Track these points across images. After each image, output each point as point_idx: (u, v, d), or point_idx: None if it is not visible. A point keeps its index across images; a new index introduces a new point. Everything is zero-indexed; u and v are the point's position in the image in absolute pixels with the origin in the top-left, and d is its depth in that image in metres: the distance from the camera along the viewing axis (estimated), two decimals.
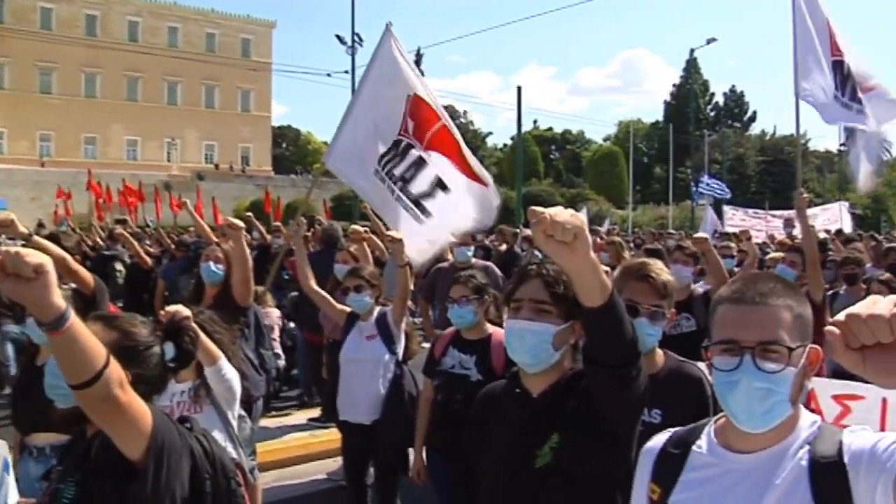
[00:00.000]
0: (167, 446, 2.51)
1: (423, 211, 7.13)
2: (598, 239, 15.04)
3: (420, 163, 7.15)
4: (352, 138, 7.10)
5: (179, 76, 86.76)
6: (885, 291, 7.49)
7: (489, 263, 9.38)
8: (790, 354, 2.04)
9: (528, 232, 24.30)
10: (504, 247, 14.88)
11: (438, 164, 7.18)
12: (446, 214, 7.11)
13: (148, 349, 2.74)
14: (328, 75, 71.12)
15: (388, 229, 10.25)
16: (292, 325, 11.78)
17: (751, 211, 23.43)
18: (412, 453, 5.89)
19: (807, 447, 2.06)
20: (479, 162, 7.51)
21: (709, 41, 57.67)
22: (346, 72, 41.40)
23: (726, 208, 24.08)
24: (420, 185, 7.16)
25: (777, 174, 74.69)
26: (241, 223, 6.31)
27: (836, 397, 5.39)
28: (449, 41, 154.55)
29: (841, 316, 1.47)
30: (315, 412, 10.09)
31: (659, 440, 2.35)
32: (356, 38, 40.78)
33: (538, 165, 79.48)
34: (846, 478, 1.94)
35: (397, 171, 7.17)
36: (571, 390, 2.92)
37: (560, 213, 2.18)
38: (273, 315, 11.67)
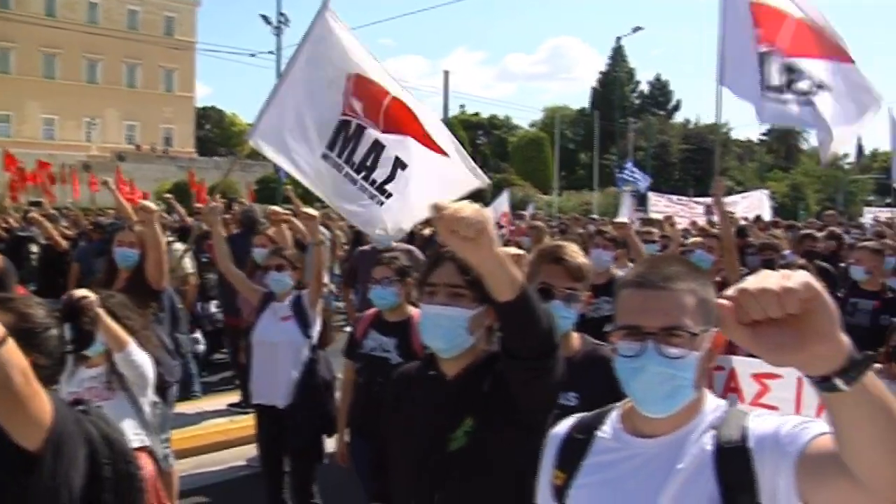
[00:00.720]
0: (65, 435, 2.41)
1: (387, 194, 6.93)
2: (522, 224, 15.12)
3: (377, 146, 6.93)
4: (279, 116, 6.83)
5: (100, 53, 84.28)
6: None
7: (412, 247, 9.29)
8: (693, 340, 2.02)
9: None
10: (427, 231, 14.82)
11: (395, 145, 6.96)
12: (409, 192, 6.91)
13: (45, 331, 2.64)
14: (252, 55, 70.24)
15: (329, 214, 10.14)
16: (214, 308, 11.61)
17: (674, 198, 23.74)
18: (326, 439, 5.81)
19: (712, 431, 2.05)
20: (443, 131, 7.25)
21: (634, 29, 58.58)
22: (271, 52, 40.87)
23: (650, 195, 24.39)
24: (383, 170, 6.95)
25: (700, 162, 75.96)
26: (153, 206, 6.16)
27: (755, 376, 5.44)
28: (378, 23, 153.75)
29: (732, 290, 1.45)
30: (235, 397, 9.93)
31: (564, 426, 2.33)
32: (281, 18, 40.24)
33: (465, 150, 79.57)
34: (750, 462, 1.93)
35: (357, 158, 6.91)
36: (486, 373, 2.89)
37: (464, 209, 2.15)
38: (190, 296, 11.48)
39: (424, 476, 2.90)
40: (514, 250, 4.25)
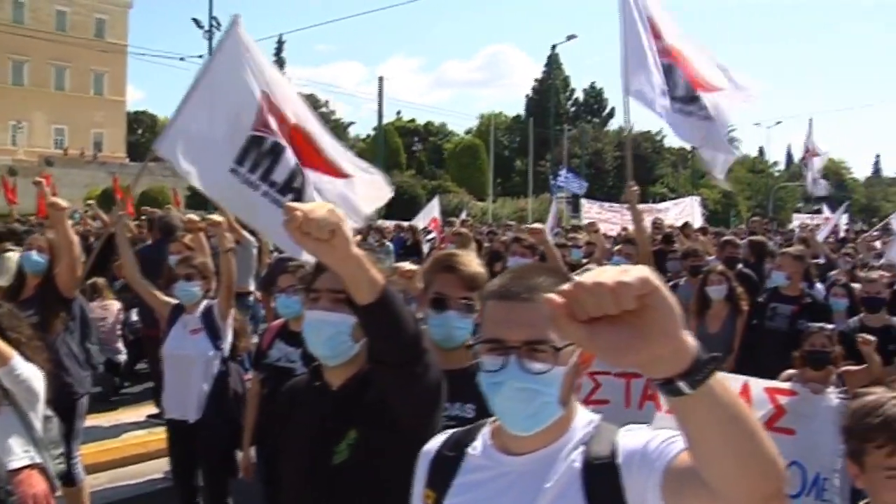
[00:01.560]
0: None
1: None
2: (452, 230, 15.13)
3: (299, 170, 6.77)
4: (187, 126, 6.61)
5: (26, 55, 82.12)
6: (722, 282, 7.69)
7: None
8: (558, 354, 1.93)
9: (385, 223, 24.19)
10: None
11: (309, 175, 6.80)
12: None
13: None
14: (182, 59, 69.05)
15: (244, 226, 9.97)
16: (135, 317, 11.37)
17: (606, 204, 23.93)
18: (240, 453, 5.69)
19: (581, 447, 1.98)
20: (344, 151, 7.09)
21: (569, 38, 58.74)
22: (201, 56, 40.33)
23: (583, 201, 24.65)
24: (308, 195, 6.77)
25: (633, 169, 76.53)
26: (63, 202, 5.94)
27: (590, 374, 5.44)
28: (315, 27, 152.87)
29: (568, 285, 1.34)
30: (154, 408, 9.71)
31: (435, 443, 2.25)
32: (213, 23, 39.77)
33: (400, 157, 79.35)
34: (619, 478, 1.87)
35: (279, 179, 6.65)
36: (370, 384, 2.82)
37: (316, 210, 2.07)
38: (113, 308, 11.24)
39: (310, 490, 2.83)
40: (406, 265, 4.18)
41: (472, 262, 3.51)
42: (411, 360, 2.51)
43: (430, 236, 17.82)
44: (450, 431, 2.27)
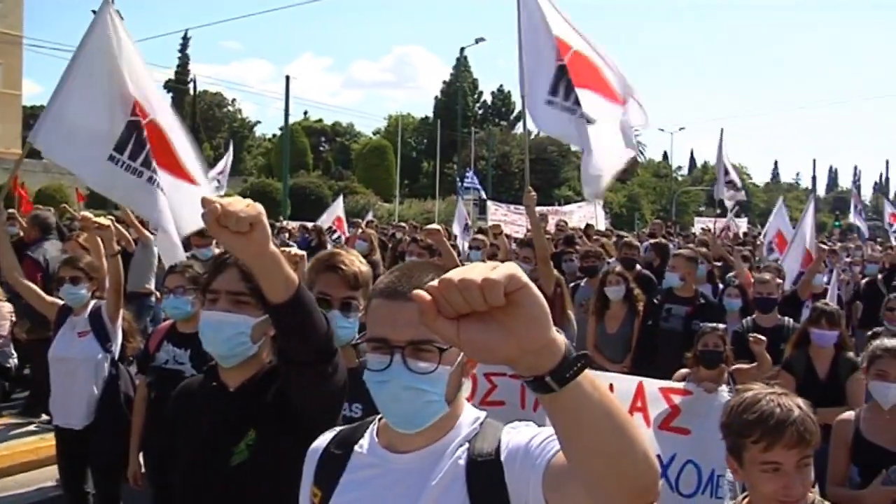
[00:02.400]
0: None
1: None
2: (359, 230, 15.10)
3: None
4: (60, 117, 6.35)
5: None
6: (620, 282, 7.79)
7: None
8: (444, 353, 1.93)
9: (290, 224, 23.93)
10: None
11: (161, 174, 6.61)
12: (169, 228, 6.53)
13: None
14: None
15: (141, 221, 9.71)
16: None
17: (512, 207, 24.06)
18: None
19: (466, 445, 2.00)
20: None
21: (477, 40, 59.02)
22: None
23: (489, 203, 24.76)
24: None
25: (540, 172, 77.57)
26: None
27: (487, 375, 5.49)
28: (222, 22, 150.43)
29: (435, 281, 1.35)
30: (46, 414, 9.40)
31: (323, 440, 2.24)
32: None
33: (307, 157, 78.76)
34: (502, 475, 1.89)
35: (157, 165, 6.54)
36: (270, 384, 2.83)
37: (235, 203, 2.05)
38: (3, 310, 10.83)
39: (207, 493, 2.79)
40: (293, 250, 4.14)
41: (354, 261, 3.50)
42: (322, 360, 2.51)
43: (335, 236, 17.69)
44: (337, 429, 2.26)
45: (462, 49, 72.43)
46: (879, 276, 12.85)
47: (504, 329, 1.33)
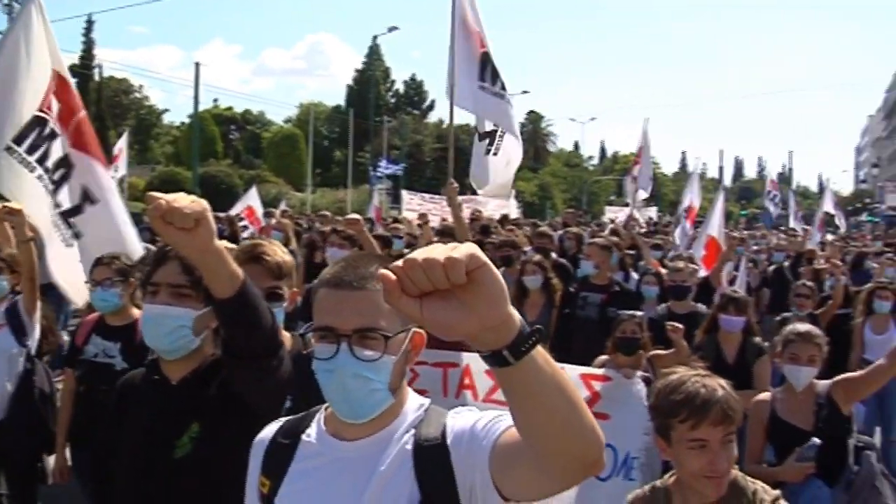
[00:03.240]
0: None
1: (75, 233, 6.34)
2: (273, 220, 14.94)
3: (66, 163, 6.38)
4: None
5: None
6: (538, 272, 7.87)
7: (151, 246, 8.82)
8: (389, 341, 1.98)
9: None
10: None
11: (82, 169, 6.42)
12: (96, 231, 6.34)
13: None
14: None
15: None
16: None
17: (427, 196, 24.04)
18: (48, 457, 5.39)
19: (412, 431, 2.05)
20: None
21: (391, 29, 59.06)
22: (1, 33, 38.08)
23: (404, 193, 24.62)
24: (72, 195, 6.36)
25: (453, 161, 77.83)
26: None
27: (489, 372, 5.54)
28: (129, 7, 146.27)
29: (400, 261, 1.43)
30: None
31: (269, 430, 2.26)
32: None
33: (217, 146, 77.37)
34: (448, 458, 1.95)
35: (50, 164, 6.32)
36: (213, 377, 2.84)
37: (179, 199, 2.07)
38: None
39: (150, 486, 2.79)
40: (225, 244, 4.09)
41: (276, 251, 3.52)
42: (267, 354, 2.54)
43: (243, 224, 17.44)
44: (283, 419, 2.28)
45: (375, 37, 72.49)
46: (786, 264, 13.26)
47: (465, 306, 1.41)
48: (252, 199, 19.87)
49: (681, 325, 6.33)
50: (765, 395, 5.06)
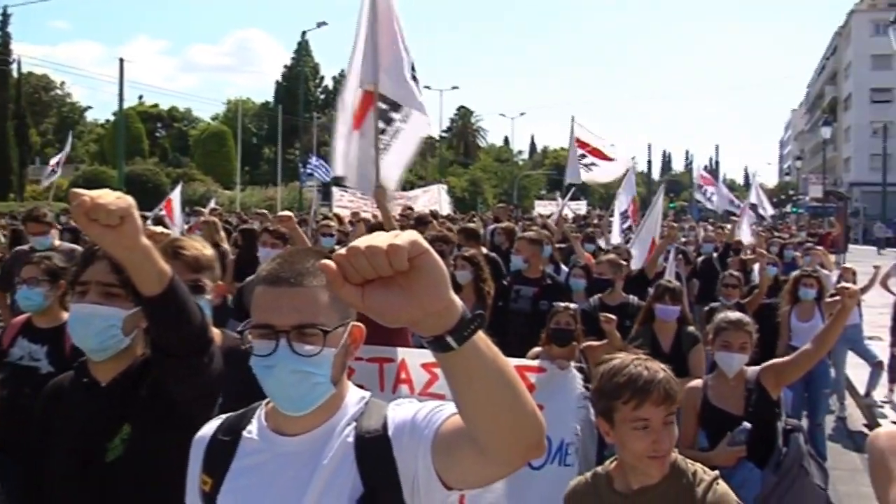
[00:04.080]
0: None
1: None
2: (201, 219, 14.73)
3: None
4: None
5: None
6: (467, 267, 7.89)
7: (76, 246, 8.64)
8: (328, 336, 1.99)
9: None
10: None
11: None
12: None
13: None
14: None
15: None
16: None
17: (358, 192, 23.96)
18: None
19: (354, 423, 2.06)
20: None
21: (319, 24, 58.35)
22: None
23: (334, 190, 24.45)
24: None
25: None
26: None
27: (424, 366, 5.63)
28: (46, 0, 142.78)
29: (342, 249, 1.44)
30: None
31: (210, 428, 2.24)
32: None
33: (142, 143, 76.33)
34: (390, 449, 1.97)
35: None
36: (143, 377, 2.79)
37: (104, 195, 2.04)
38: None
39: (82, 491, 2.73)
40: (158, 228, 4.05)
41: (193, 245, 3.49)
42: (197, 351, 2.51)
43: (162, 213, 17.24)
44: (223, 416, 2.26)
45: (304, 33, 71.79)
46: (714, 255, 13.51)
47: (407, 293, 1.44)
48: (174, 195, 19.71)
49: (613, 317, 6.41)
50: (697, 382, 5.18)
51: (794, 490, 4.66)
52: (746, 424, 4.69)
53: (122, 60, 41.11)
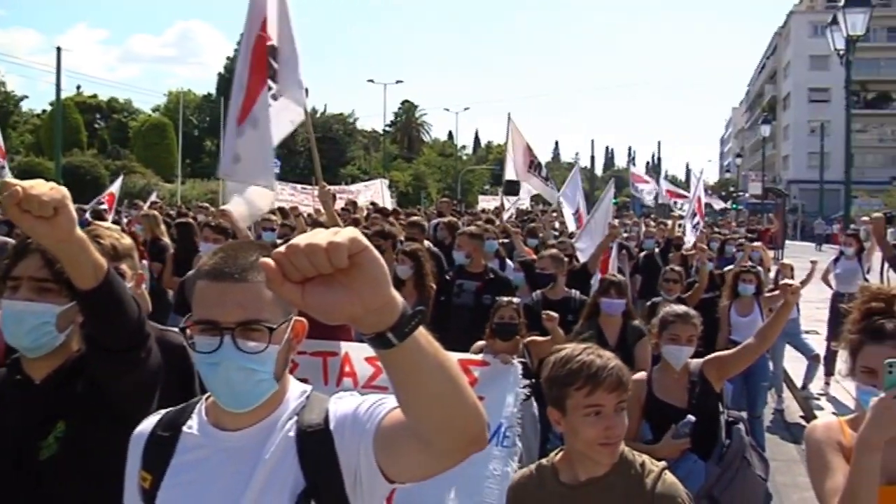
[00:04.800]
0: None
1: None
2: (141, 212, 14.57)
3: None
4: None
5: None
6: (408, 262, 7.88)
7: (8, 239, 8.43)
8: (273, 332, 1.99)
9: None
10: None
11: None
12: None
13: None
14: None
15: None
16: None
17: (299, 186, 23.79)
18: None
19: (295, 418, 2.06)
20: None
21: None
22: None
23: (276, 183, 24.35)
24: None
25: (325, 151, 77.31)
26: None
27: (368, 359, 5.65)
28: None
29: (282, 247, 1.43)
30: None
31: (149, 424, 2.21)
32: None
33: (81, 135, 74.78)
34: (332, 443, 1.97)
35: None
36: (79, 373, 2.72)
37: (37, 186, 1.98)
38: None
39: (17, 489, 2.65)
40: (106, 224, 3.96)
41: (110, 234, 3.40)
42: (135, 346, 2.46)
43: (103, 206, 17.02)
44: (162, 412, 2.23)
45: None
46: (656, 251, 13.64)
47: (347, 290, 1.43)
48: (114, 188, 19.48)
49: (555, 314, 6.41)
50: (641, 375, 5.22)
51: (736, 481, 4.73)
52: (690, 417, 4.77)
53: (59, 49, 40.31)
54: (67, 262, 2.24)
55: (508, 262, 10.33)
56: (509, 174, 15.84)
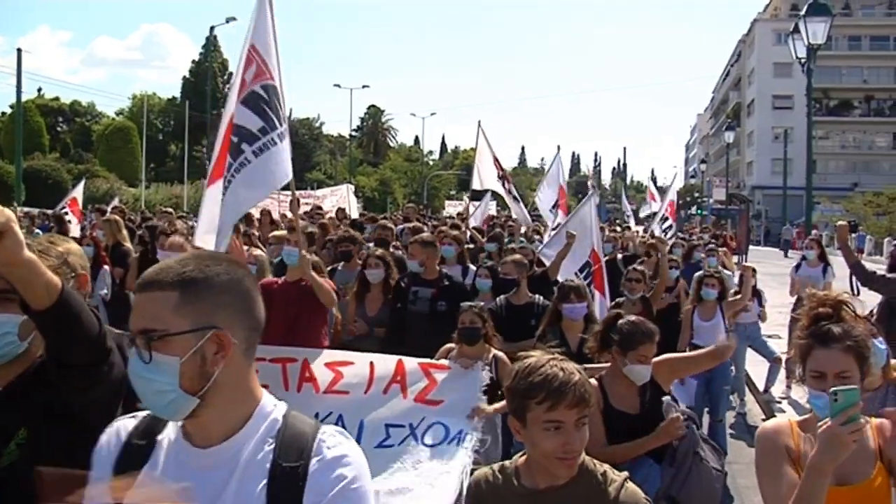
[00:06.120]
0: None
1: None
2: (103, 217, 14.40)
3: None
4: None
5: None
6: (380, 265, 7.87)
7: None
8: (175, 342, 1.94)
9: (33, 210, 22.38)
10: None
11: None
12: None
13: None
14: None
15: None
16: None
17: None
18: None
19: (271, 442, 2.02)
20: None
21: (228, 20, 57.46)
22: None
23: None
24: None
25: (291, 157, 76.96)
26: None
27: (328, 364, 5.67)
28: None
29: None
30: None
31: (121, 430, 2.18)
32: None
33: (42, 138, 73.96)
34: (303, 484, 1.96)
35: None
36: (41, 380, 2.70)
37: None
38: None
39: None
40: (60, 238, 3.90)
41: (53, 246, 3.26)
42: (96, 361, 2.44)
43: (68, 217, 16.81)
44: (140, 415, 2.18)
45: (212, 28, 70.26)
46: (620, 257, 13.70)
47: None
48: (77, 192, 19.27)
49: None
50: (593, 381, 5.14)
51: (691, 477, 4.74)
52: (667, 398, 4.86)
53: (19, 51, 40.03)
54: (18, 285, 2.20)
55: (472, 266, 10.31)
56: (475, 184, 15.84)
